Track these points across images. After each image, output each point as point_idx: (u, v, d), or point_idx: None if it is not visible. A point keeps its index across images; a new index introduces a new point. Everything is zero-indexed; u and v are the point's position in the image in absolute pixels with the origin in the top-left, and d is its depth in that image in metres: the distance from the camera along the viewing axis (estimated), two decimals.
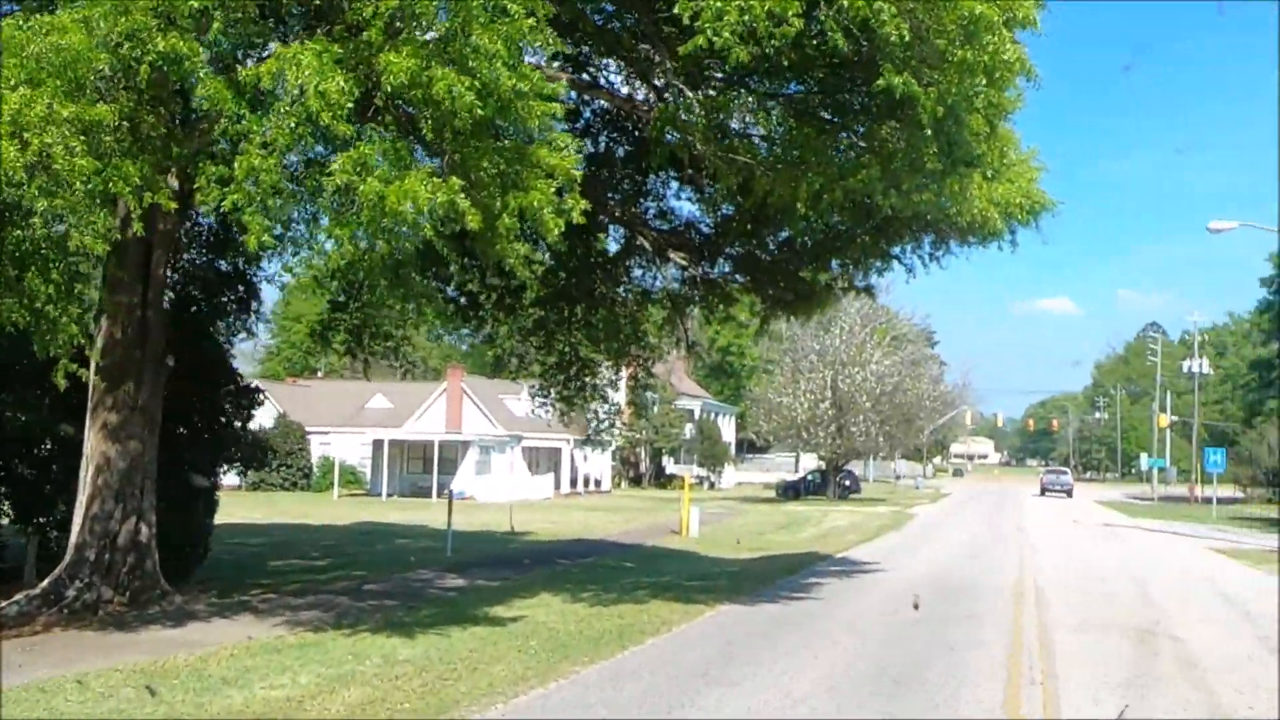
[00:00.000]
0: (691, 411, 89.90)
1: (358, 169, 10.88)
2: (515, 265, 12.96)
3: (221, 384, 21.33)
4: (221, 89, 11.11)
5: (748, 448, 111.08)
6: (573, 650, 13.52)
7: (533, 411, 24.24)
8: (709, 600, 18.21)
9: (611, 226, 22.85)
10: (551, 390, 23.82)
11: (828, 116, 15.24)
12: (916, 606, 17.80)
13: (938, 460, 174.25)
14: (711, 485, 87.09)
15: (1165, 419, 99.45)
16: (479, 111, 10.56)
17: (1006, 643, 14.02)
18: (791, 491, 68.00)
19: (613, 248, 23.22)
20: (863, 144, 14.75)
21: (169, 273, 19.84)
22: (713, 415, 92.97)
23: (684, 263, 21.81)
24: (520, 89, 10.66)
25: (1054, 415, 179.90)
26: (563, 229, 11.80)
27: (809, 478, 69.74)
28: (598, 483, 73.85)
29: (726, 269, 23.24)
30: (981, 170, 15.19)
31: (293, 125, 10.80)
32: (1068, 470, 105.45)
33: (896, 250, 20.05)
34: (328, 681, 11.46)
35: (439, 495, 58.95)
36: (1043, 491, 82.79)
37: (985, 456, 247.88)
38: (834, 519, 46.28)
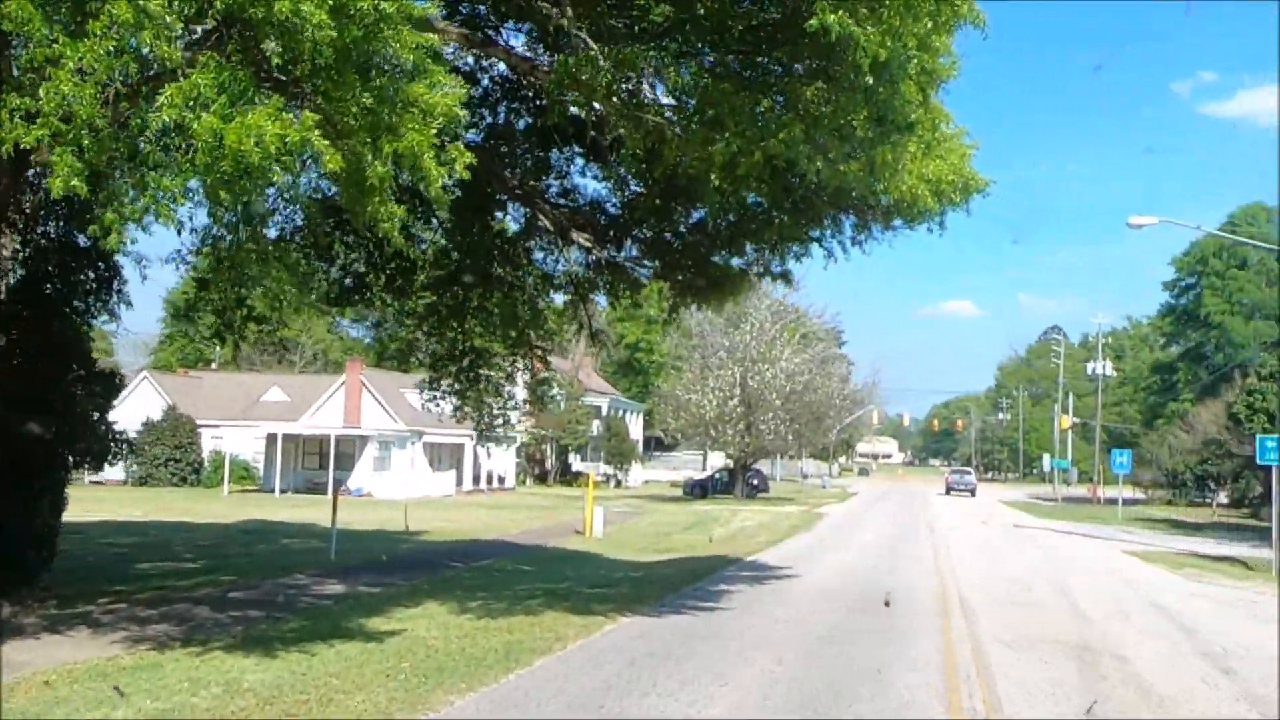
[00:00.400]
0: (599, 408, 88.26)
1: (189, 103, 8.98)
2: (389, 230, 11.01)
3: (74, 368, 19.12)
4: (27, 6, 9.13)
5: (655, 445, 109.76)
6: (450, 674, 11.75)
7: (423, 406, 22.24)
8: (609, 611, 16.53)
9: (511, 205, 21.08)
10: (443, 383, 21.91)
11: (748, 75, 13.63)
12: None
13: (843, 459, 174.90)
14: (618, 483, 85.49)
15: (1067, 420, 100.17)
16: (333, 35, 8.72)
17: (939, 664, 12.50)
18: (699, 490, 66.63)
19: (512, 228, 21.45)
20: (785, 106, 13.16)
21: (20, 247, 17.79)
22: (620, 412, 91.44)
23: (588, 244, 20.09)
24: (384, 9, 8.84)
25: (957, 416, 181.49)
26: (447, 180, 9.97)
27: (717, 476, 68.41)
28: (501, 480, 71.82)
29: (634, 253, 21.57)
30: (917, 137, 13.69)
31: (111, 49, 8.88)
32: (971, 470, 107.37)
33: (816, 233, 18.60)
34: (147, 719, 9.56)
35: (336, 492, 56.69)
36: (948, 490, 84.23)
37: (889, 456, 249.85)
38: (743, 519, 44.93)
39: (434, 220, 21.40)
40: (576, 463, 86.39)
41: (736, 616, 16.22)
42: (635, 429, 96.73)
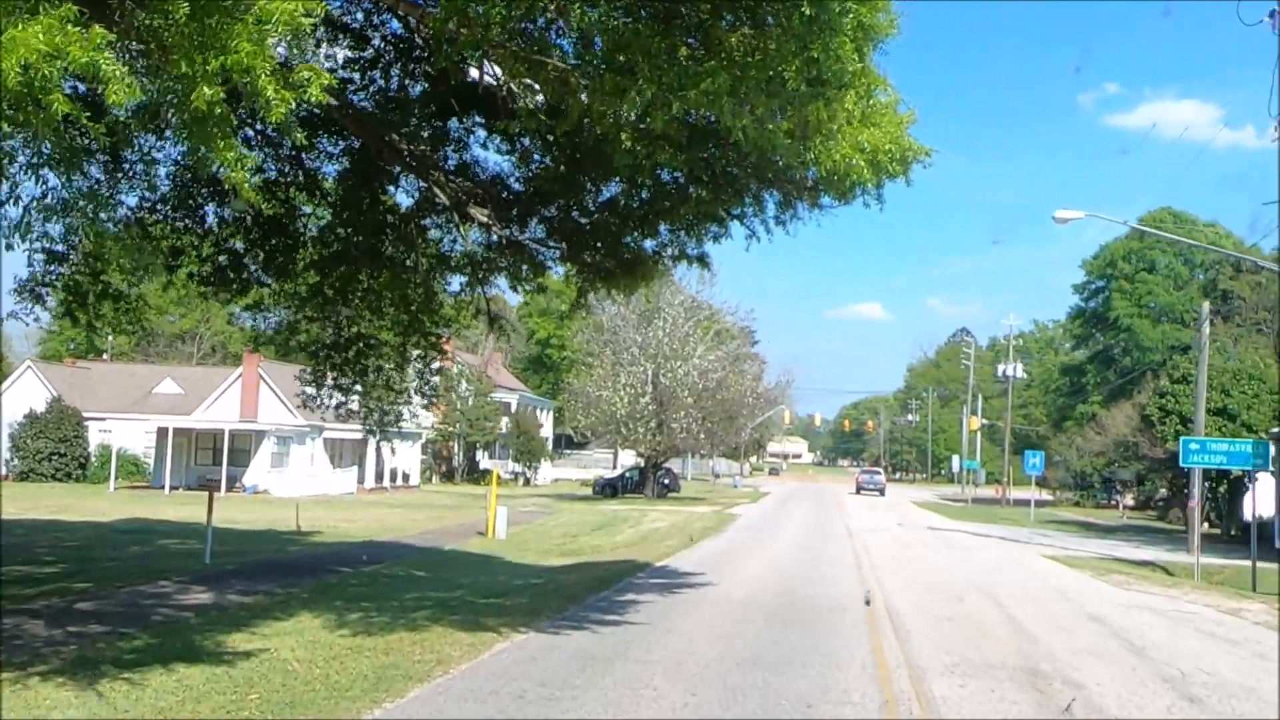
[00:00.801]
0: (509, 404, 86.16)
1: None
2: (239, 180, 8.95)
3: None
4: None
5: (566, 443, 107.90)
6: (305, 707, 9.86)
7: (303, 401, 20.13)
8: (504, 625, 14.70)
9: (404, 177, 19.13)
10: (327, 374, 19.88)
11: (665, 17, 11.87)
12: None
13: (755, 459, 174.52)
14: (527, 481, 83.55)
15: (976, 421, 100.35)
16: None
17: (878, 698, 10.80)
18: (609, 489, 64.92)
19: (405, 203, 19.50)
20: (707, 53, 11.45)
21: None
22: (530, 409, 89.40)
23: (488, 222, 18.23)
24: None
25: (867, 417, 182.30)
26: (291, 108, 8.02)
27: (627, 475, 66.75)
28: (406, 477, 69.40)
29: (539, 233, 19.75)
30: (853, 96, 12.07)
31: None
32: (881, 471, 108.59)
33: (736, 211, 16.97)
34: None
35: (229, 489, 54.04)
36: (858, 490, 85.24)
37: (799, 456, 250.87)
38: (653, 519, 43.30)
39: (319, 193, 19.47)
40: (485, 460, 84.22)
41: (645, 634, 14.47)
42: (546, 426, 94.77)
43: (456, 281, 19.51)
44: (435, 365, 19.74)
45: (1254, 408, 46.56)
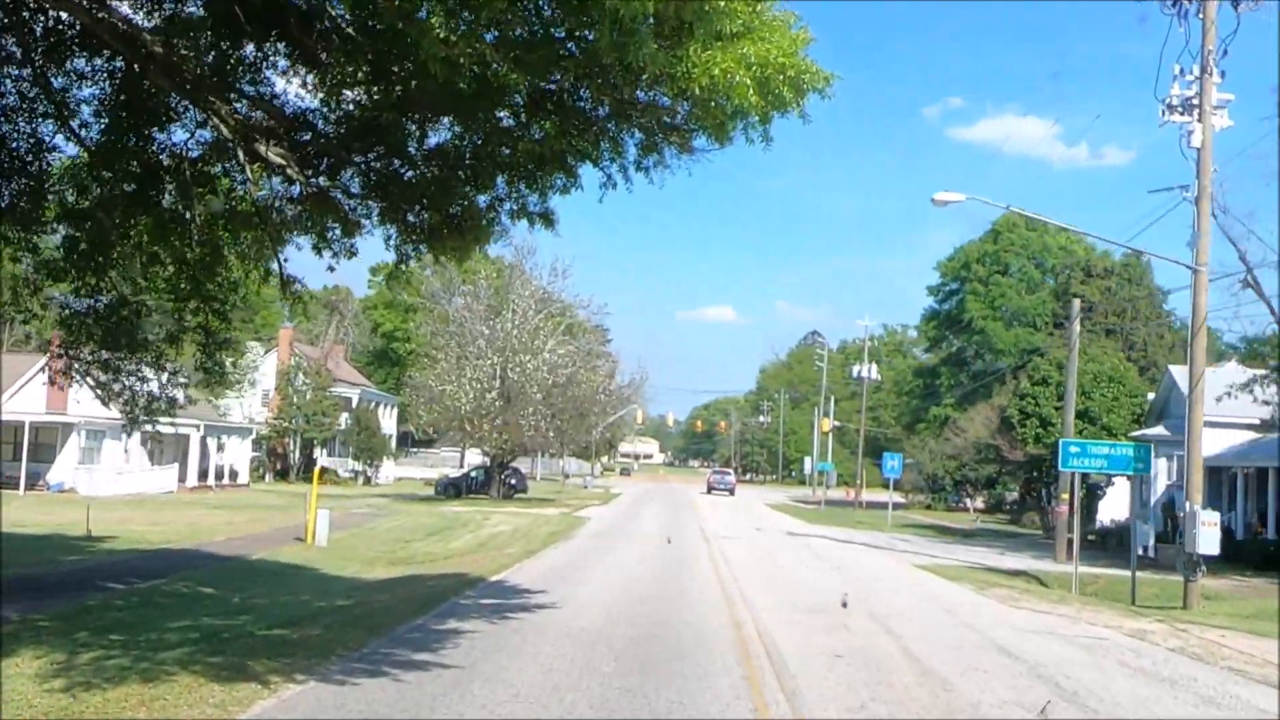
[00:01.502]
0: (350, 399, 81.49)
1: None
2: None
3: None
4: None
5: (413, 441, 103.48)
6: None
7: (48, 380, 16.18)
8: (277, 671, 11.20)
9: (181, 109, 15.40)
10: (85, 349, 16.04)
11: None
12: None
13: (606, 459, 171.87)
14: (367, 480, 78.98)
15: (828, 423, 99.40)
16: None
17: None
18: (452, 489, 61.06)
19: (184, 141, 15.73)
20: None
21: None
22: (373, 404, 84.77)
23: (284, 163, 14.64)
24: None
25: (718, 417, 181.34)
26: None
27: (472, 474, 62.89)
28: (234, 475, 64.32)
29: (355, 185, 16.23)
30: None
31: None
32: (731, 472, 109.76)
33: (588, 153, 13.82)
34: None
35: (30, 488, 48.79)
36: (709, 490, 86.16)
37: (651, 456, 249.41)
38: (496, 523, 39.87)
39: (70, 124, 15.60)
40: (323, 458, 79.36)
41: (460, 684, 11.10)
42: (390, 423, 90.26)
43: (249, 239, 15.85)
44: (222, 339, 15.95)
45: (1114, 411, 45.38)
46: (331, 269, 15.28)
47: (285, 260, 15.68)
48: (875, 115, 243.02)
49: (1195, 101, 26.17)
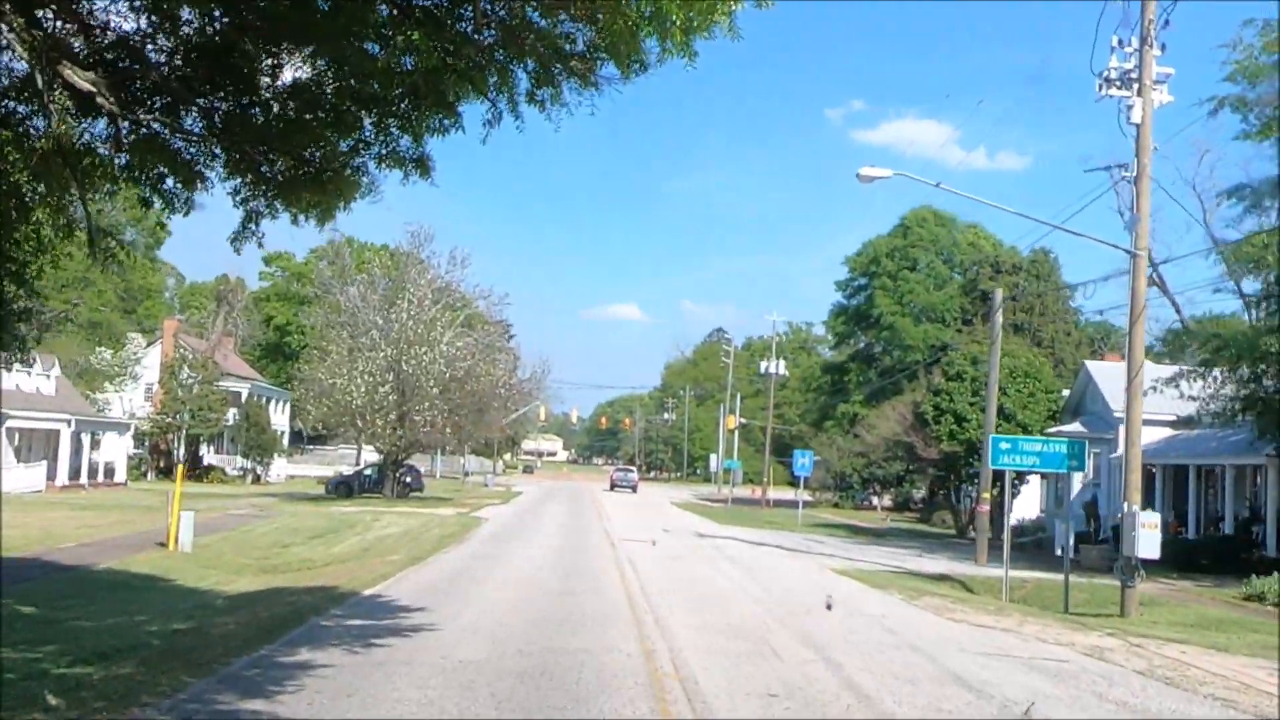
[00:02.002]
0: (239, 394, 77.47)
1: None
2: None
3: None
4: None
5: (309, 438, 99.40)
6: None
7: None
8: None
9: None
10: None
11: None
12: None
13: (509, 456, 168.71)
14: (257, 479, 75.05)
15: (734, 420, 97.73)
16: None
17: None
18: (344, 488, 57.74)
19: None
20: None
21: None
22: (264, 399, 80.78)
23: (95, 90, 11.79)
24: None
25: (623, 414, 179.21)
26: None
27: (366, 473, 59.57)
28: (111, 473, 60.20)
29: (198, 127, 13.36)
30: None
31: None
32: (634, 469, 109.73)
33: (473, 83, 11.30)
34: None
35: None
36: (612, 487, 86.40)
37: (554, 454, 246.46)
38: (386, 524, 36.94)
39: None
40: (210, 455, 75.36)
41: None
42: (283, 419, 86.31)
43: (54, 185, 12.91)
44: (21, 309, 12.99)
45: (1030, 407, 43.94)
46: (161, 225, 12.68)
47: (91, 215, 12.75)
48: (779, 116, 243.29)
49: (1134, 75, 24.38)
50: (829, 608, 17.28)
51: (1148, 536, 23.07)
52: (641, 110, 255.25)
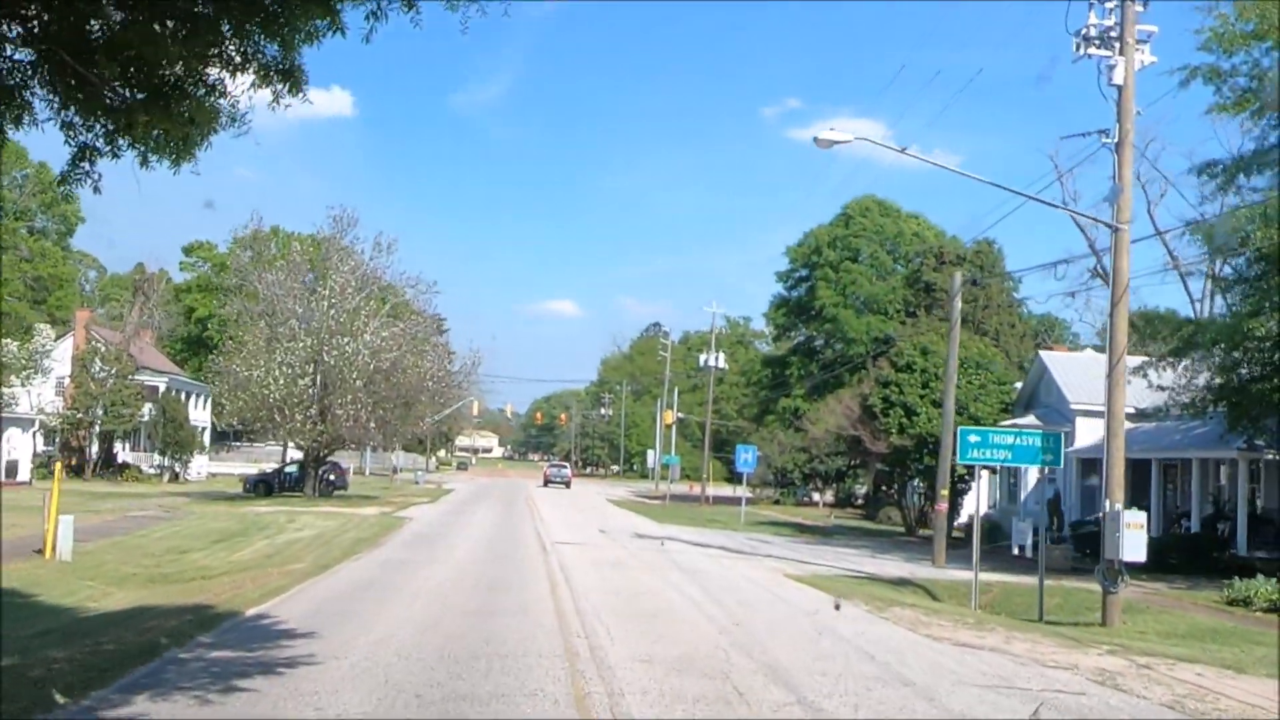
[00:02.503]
0: (156, 388, 73.53)
1: None
2: None
3: None
4: None
5: (236, 434, 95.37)
6: None
7: None
8: None
9: None
10: None
11: None
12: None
13: (443, 453, 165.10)
14: (175, 477, 71.30)
15: (671, 415, 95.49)
16: None
17: None
18: (263, 487, 54.41)
19: None
20: None
21: None
22: (182, 394, 76.86)
23: None
24: None
25: (559, 410, 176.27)
26: None
27: (287, 470, 56.26)
28: (13, 472, 56.22)
29: (14, 46, 10.46)
30: None
31: None
32: (568, 465, 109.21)
33: None
34: None
35: None
36: (546, 483, 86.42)
37: (490, 450, 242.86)
38: (300, 526, 33.96)
39: None
40: (125, 453, 71.48)
41: None
42: (204, 414, 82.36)
43: None
44: None
45: (982, 399, 41.88)
46: (68, 199, 9.86)
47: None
48: (715, 114, 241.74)
49: (1115, 34, 22.14)
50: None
51: (1133, 538, 20.82)
52: (577, 105, 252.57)
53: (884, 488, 64.60)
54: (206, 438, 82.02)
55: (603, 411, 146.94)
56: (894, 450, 42.08)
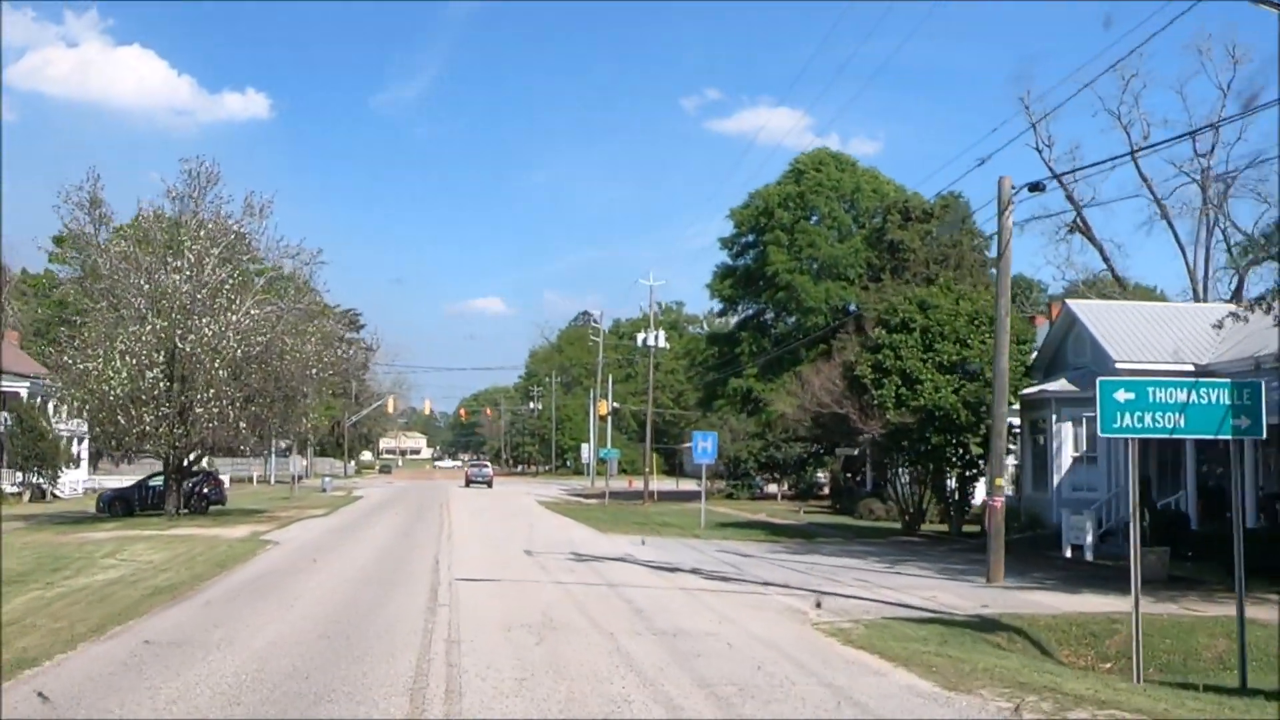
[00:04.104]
0: (18, 394, 62.44)
1: None
2: None
3: None
4: None
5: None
6: None
7: None
8: None
9: None
10: None
11: None
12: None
13: (366, 456, 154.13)
14: (43, 495, 60.30)
15: (605, 405, 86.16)
16: None
17: None
18: (120, 505, 43.97)
19: None
20: None
21: None
22: (45, 400, 65.56)
23: None
24: None
25: (487, 407, 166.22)
26: None
27: (152, 484, 45.60)
28: None
29: None
30: None
31: None
32: (489, 464, 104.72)
33: None
34: None
35: None
36: (468, 483, 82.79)
37: (419, 452, 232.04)
38: (120, 561, 24.11)
39: None
40: None
41: None
42: (81, 422, 71.05)
43: None
44: None
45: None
46: None
47: None
48: (634, 106, 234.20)
49: None
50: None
51: None
52: (498, 101, 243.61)
53: (851, 475, 55.71)
54: (84, 448, 70.98)
55: (532, 405, 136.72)
56: (891, 430, 33.00)
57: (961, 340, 32.79)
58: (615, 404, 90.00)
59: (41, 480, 61.57)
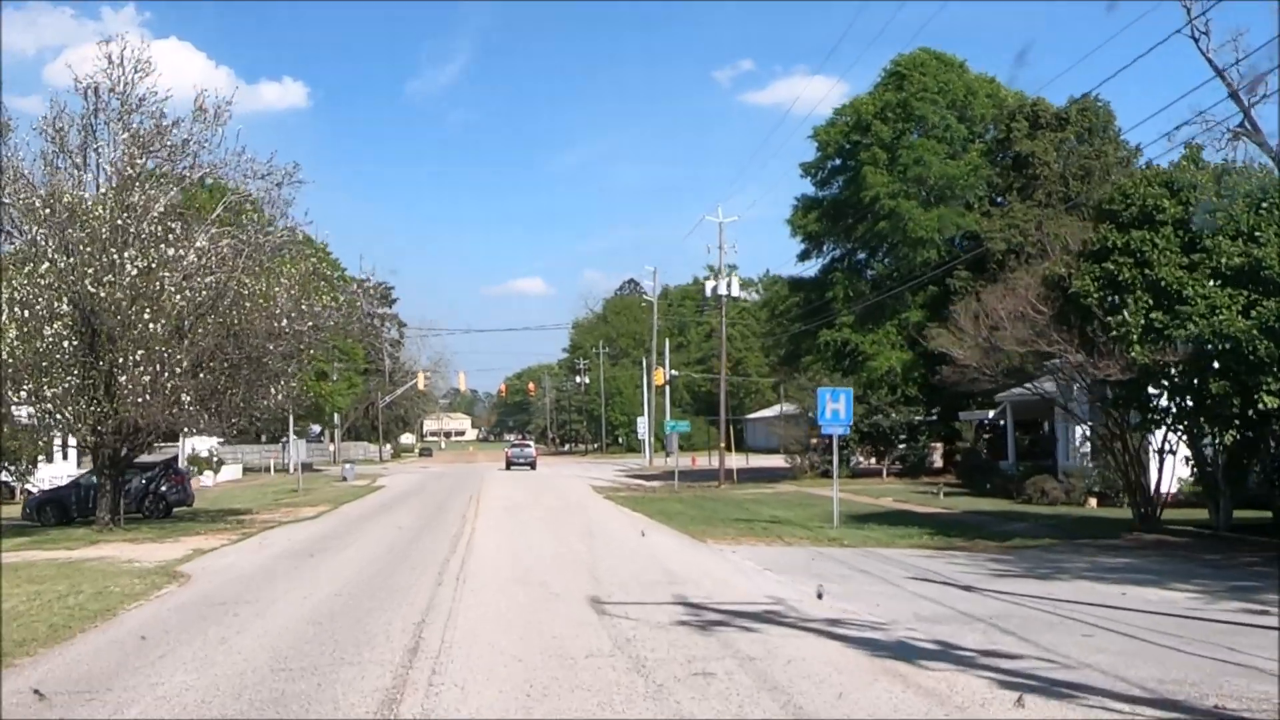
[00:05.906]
0: None
1: None
2: None
3: None
4: None
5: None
6: None
7: None
8: None
9: None
10: None
11: None
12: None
13: (407, 439, 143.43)
14: (12, 493, 49.32)
15: (662, 374, 74.69)
16: None
17: None
18: (53, 509, 32.96)
19: None
20: None
21: None
22: None
23: None
24: None
25: (530, 383, 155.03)
26: None
27: (83, 483, 34.13)
28: None
29: None
30: None
31: None
32: (531, 443, 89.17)
33: None
34: None
35: None
36: (508, 465, 72.66)
37: (463, 433, 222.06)
38: None
39: None
40: None
41: None
42: None
43: None
44: None
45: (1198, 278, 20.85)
46: None
47: None
48: (664, 82, 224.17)
49: None
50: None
51: None
52: (532, 84, 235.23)
53: (988, 445, 43.66)
54: (70, 437, 60.09)
55: (579, 379, 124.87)
56: (1140, 370, 20.96)
57: (1246, 234, 20.67)
58: (673, 371, 78.32)
59: (9, 477, 50.74)
